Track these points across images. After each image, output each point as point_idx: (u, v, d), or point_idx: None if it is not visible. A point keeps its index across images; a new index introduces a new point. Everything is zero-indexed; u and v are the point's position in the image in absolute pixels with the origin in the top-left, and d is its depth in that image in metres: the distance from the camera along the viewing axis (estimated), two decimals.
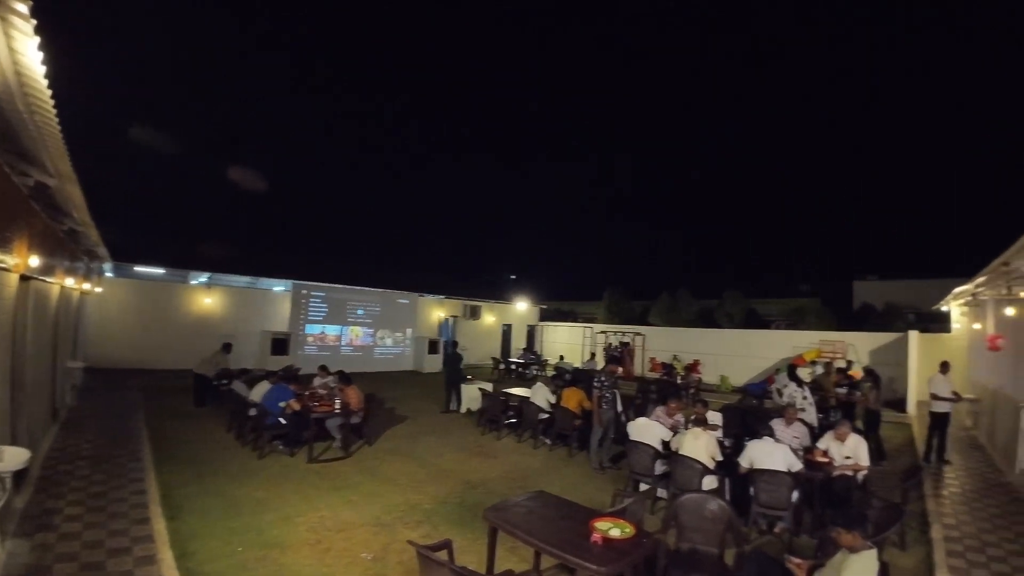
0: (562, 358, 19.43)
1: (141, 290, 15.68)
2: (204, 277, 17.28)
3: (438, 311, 22.53)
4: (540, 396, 9.33)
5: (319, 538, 4.96)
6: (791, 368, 14.23)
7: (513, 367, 19.33)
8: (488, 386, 11.39)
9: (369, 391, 10.05)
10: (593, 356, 19.44)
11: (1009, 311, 11.07)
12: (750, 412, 8.93)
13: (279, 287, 18.39)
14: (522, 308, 25.11)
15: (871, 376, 9.86)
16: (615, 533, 3.53)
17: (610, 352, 20.42)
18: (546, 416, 9.02)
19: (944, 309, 15.85)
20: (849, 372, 11.95)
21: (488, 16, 74.02)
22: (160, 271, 16.21)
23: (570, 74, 78.63)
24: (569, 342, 24.35)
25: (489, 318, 23.95)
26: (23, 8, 2.38)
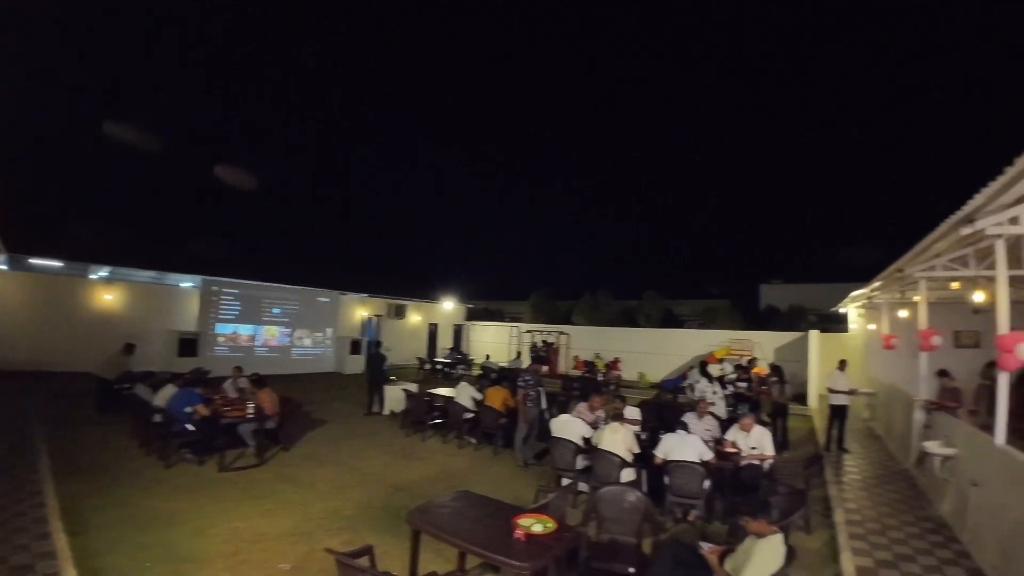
0: (488, 357, 19.49)
1: (38, 285, 14.33)
2: (105, 271, 15.93)
3: (361, 310, 21.92)
4: (465, 395, 9.30)
5: (234, 550, 4.70)
6: (703, 365, 15.07)
7: (439, 367, 19.17)
8: (413, 387, 11.21)
9: (286, 394, 9.64)
10: (519, 355, 19.65)
11: (902, 313, 12.38)
12: (666, 406, 9.36)
13: (187, 283, 17.23)
14: (449, 307, 24.94)
15: (776, 372, 10.55)
16: (538, 529, 3.57)
17: (536, 351, 20.72)
18: (471, 415, 9.00)
19: (842, 311, 17.34)
20: (753, 369, 12.75)
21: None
22: (58, 264, 14.82)
23: (486, 71, 78.76)
24: (496, 341, 24.45)
25: (415, 317, 23.60)
26: None
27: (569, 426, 6.68)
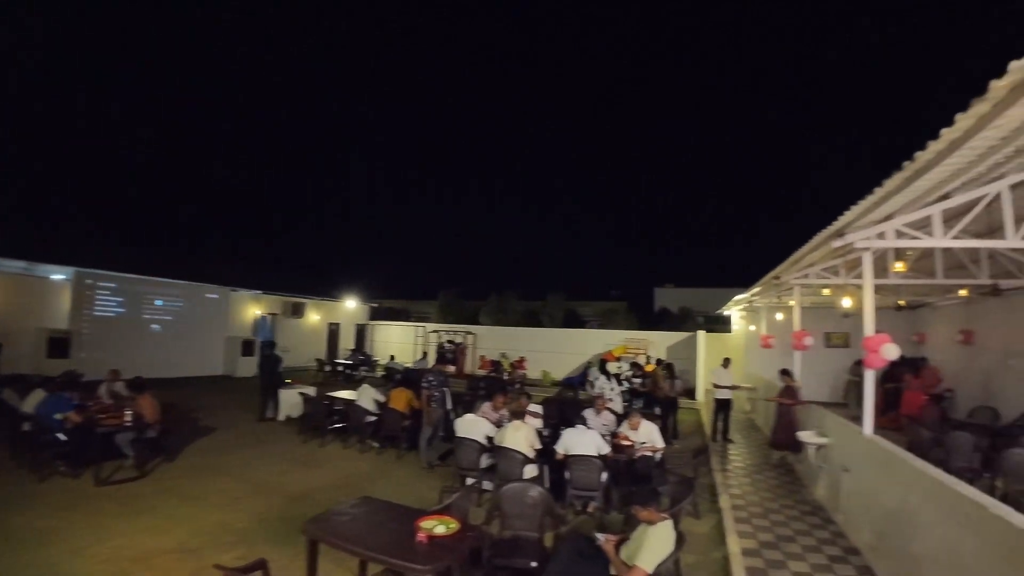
0: (393, 358, 19.08)
1: None
2: None
3: (254, 308, 20.58)
4: (367, 398, 9.05)
5: (116, 570, 4.33)
6: (602, 363, 15.75)
7: (340, 369, 18.50)
8: (311, 390, 10.73)
9: (170, 399, 8.90)
10: (425, 355, 19.42)
11: (778, 316, 13.73)
12: (567, 403, 9.65)
13: (58, 275, 15.30)
14: (351, 306, 24.08)
15: (667, 369, 11.24)
16: (440, 530, 3.56)
17: (442, 351, 20.58)
18: (374, 418, 8.78)
19: (726, 313, 18.81)
20: (646, 367, 13.53)
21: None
22: None
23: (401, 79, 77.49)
24: (401, 342, 24.01)
25: (314, 316, 22.58)
26: None
27: (474, 426, 6.70)
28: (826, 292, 10.44)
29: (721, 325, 20.13)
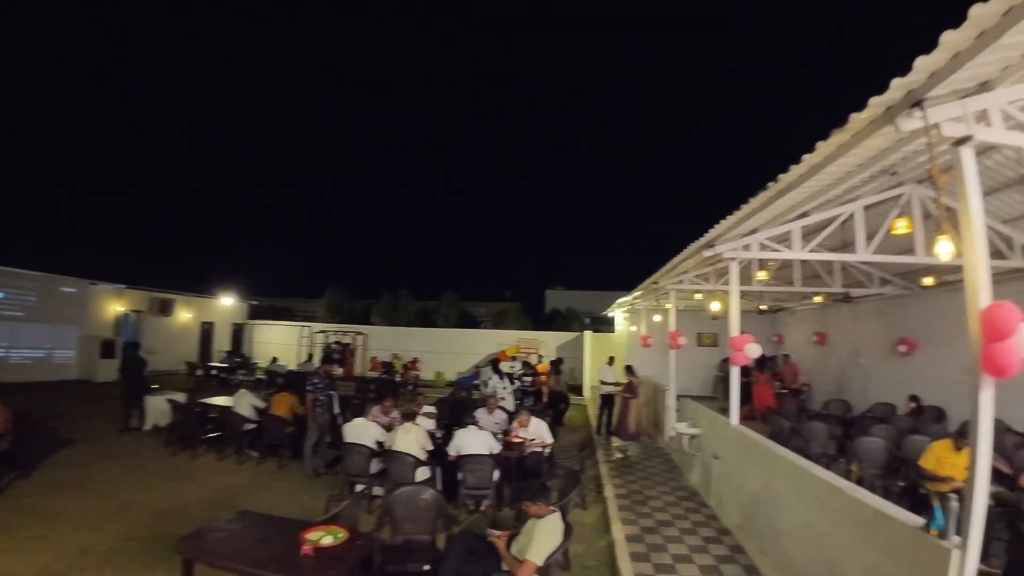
0: (275, 360, 18.00)
1: None
2: None
3: (116, 304, 18.39)
4: (244, 404, 8.49)
5: None
6: (495, 362, 15.99)
7: (214, 373, 17.11)
8: (181, 396, 9.84)
9: (21, 407, 7.76)
10: (310, 357, 18.56)
11: (656, 318, 14.82)
12: (459, 403, 9.69)
13: None
14: (228, 303, 22.36)
15: (554, 366, 11.76)
16: (327, 541, 3.44)
17: (329, 352, 19.76)
18: (252, 426, 8.24)
19: (611, 315, 19.89)
20: (537, 366, 13.98)
21: None
22: None
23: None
24: (285, 343, 22.59)
25: (185, 315, 20.72)
26: None
27: (363, 430, 6.51)
28: (698, 296, 11.45)
29: (606, 326, 21.25)
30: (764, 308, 14.99)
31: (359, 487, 6.22)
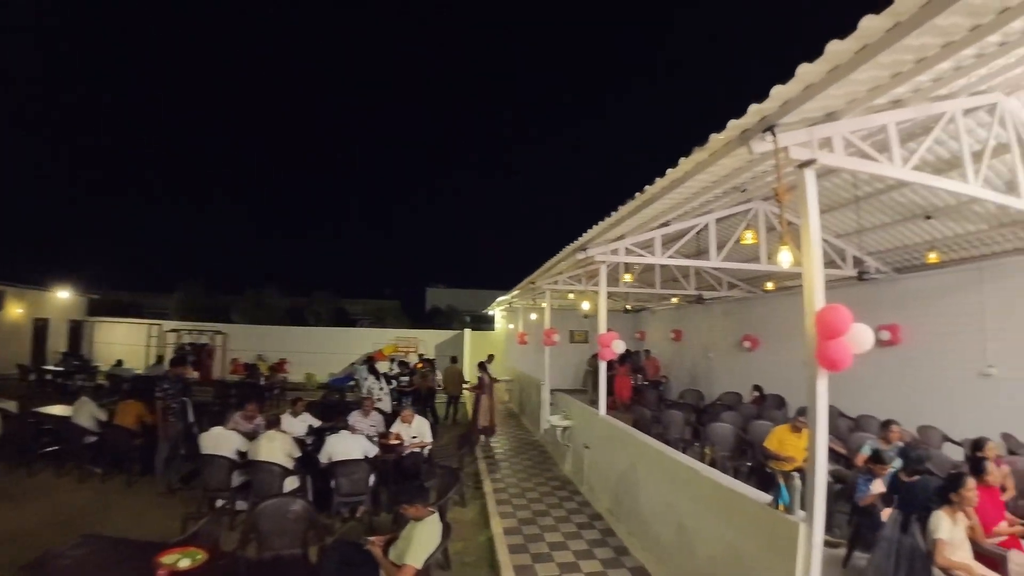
0: (120, 363, 16.04)
1: None
2: None
3: None
4: (85, 414, 7.51)
5: None
6: (370, 362, 15.50)
7: (50, 377, 15.03)
8: (11, 405, 8.42)
9: None
10: (161, 359, 16.75)
11: (533, 316, 15.43)
12: (332, 406, 9.30)
13: None
14: (64, 298, 19.65)
15: (429, 364, 11.83)
16: (185, 563, 3.17)
17: (181, 353, 17.97)
18: (95, 438, 7.28)
19: (490, 313, 20.25)
20: (415, 365, 13.85)
21: None
22: None
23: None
24: (131, 343, 20.11)
25: (15, 310, 17.90)
26: None
27: (222, 440, 5.99)
28: (571, 296, 12.13)
29: (486, 324, 21.55)
30: (629, 308, 16.16)
31: (220, 502, 5.74)
